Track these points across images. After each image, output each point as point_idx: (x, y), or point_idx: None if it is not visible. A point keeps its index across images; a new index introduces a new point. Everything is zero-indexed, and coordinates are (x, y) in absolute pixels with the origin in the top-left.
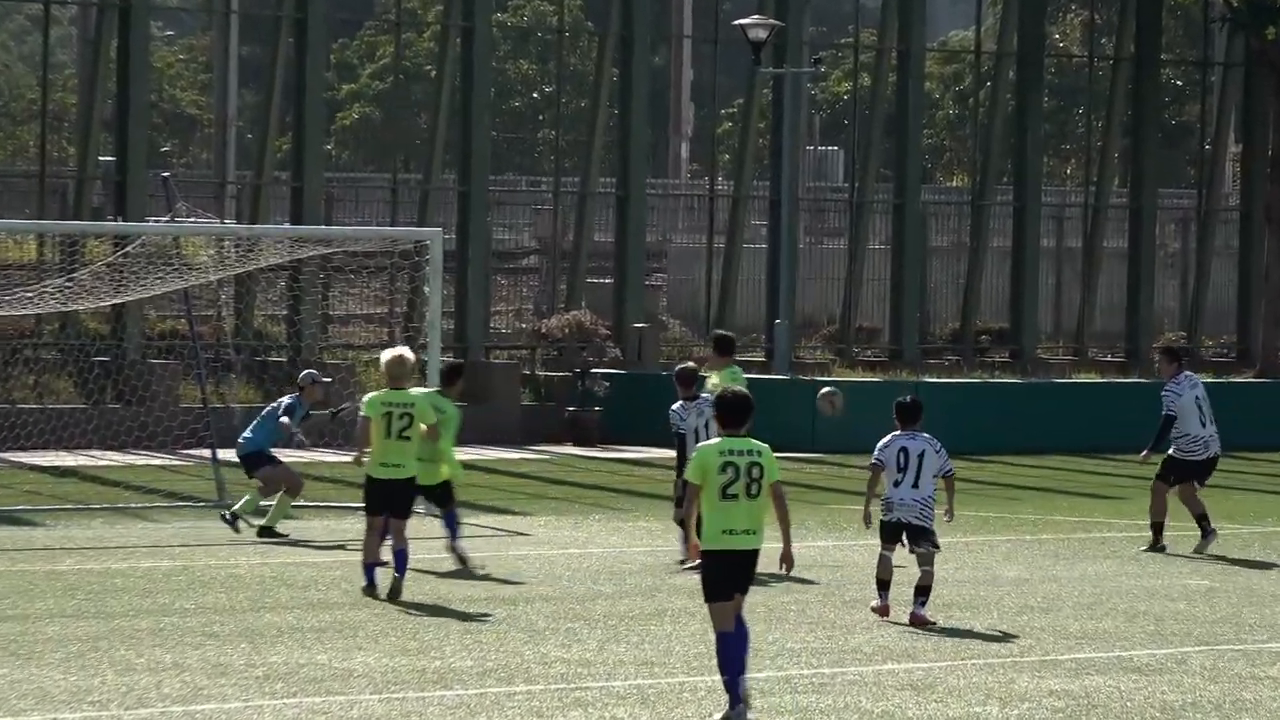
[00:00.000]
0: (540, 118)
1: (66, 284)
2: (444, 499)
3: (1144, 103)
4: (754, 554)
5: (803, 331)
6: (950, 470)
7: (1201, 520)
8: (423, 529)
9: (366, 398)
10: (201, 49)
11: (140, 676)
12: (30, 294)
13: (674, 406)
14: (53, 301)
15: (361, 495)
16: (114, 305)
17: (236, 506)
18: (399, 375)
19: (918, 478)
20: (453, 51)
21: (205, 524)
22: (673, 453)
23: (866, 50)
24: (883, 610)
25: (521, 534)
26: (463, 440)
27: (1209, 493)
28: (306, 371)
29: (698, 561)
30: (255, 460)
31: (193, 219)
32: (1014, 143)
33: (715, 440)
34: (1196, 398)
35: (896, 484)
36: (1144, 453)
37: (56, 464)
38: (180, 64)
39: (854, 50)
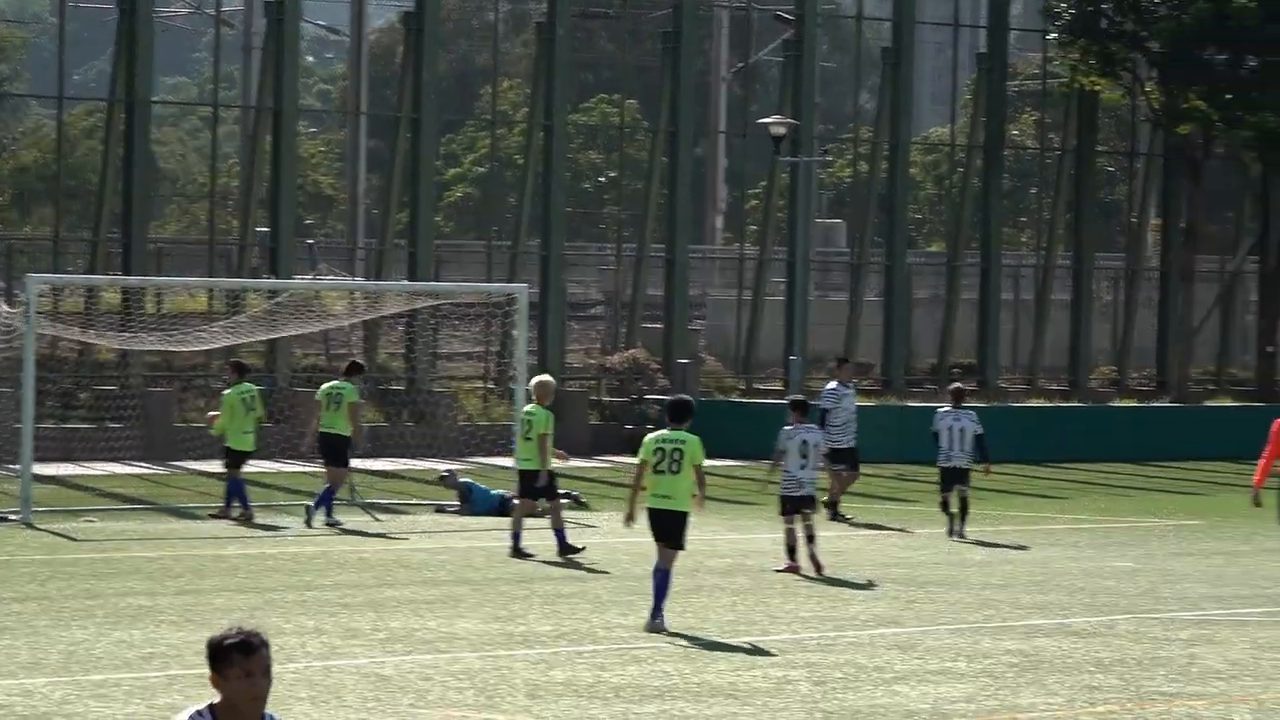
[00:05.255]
0: (605, 196)
1: (230, 325)
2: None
3: (1083, 185)
4: (676, 513)
5: (813, 365)
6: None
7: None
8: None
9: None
10: (337, 142)
11: (289, 639)
12: (203, 333)
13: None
14: (220, 338)
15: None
16: (267, 344)
17: None
18: (542, 395)
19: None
20: (536, 144)
21: (339, 517)
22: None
23: (864, 143)
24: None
25: (590, 526)
26: None
27: (1141, 494)
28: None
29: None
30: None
31: (330, 277)
32: (980, 216)
33: (657, 433)
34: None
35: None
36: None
37: (222, 471)
38: (321, 154)
39: (854, 143)
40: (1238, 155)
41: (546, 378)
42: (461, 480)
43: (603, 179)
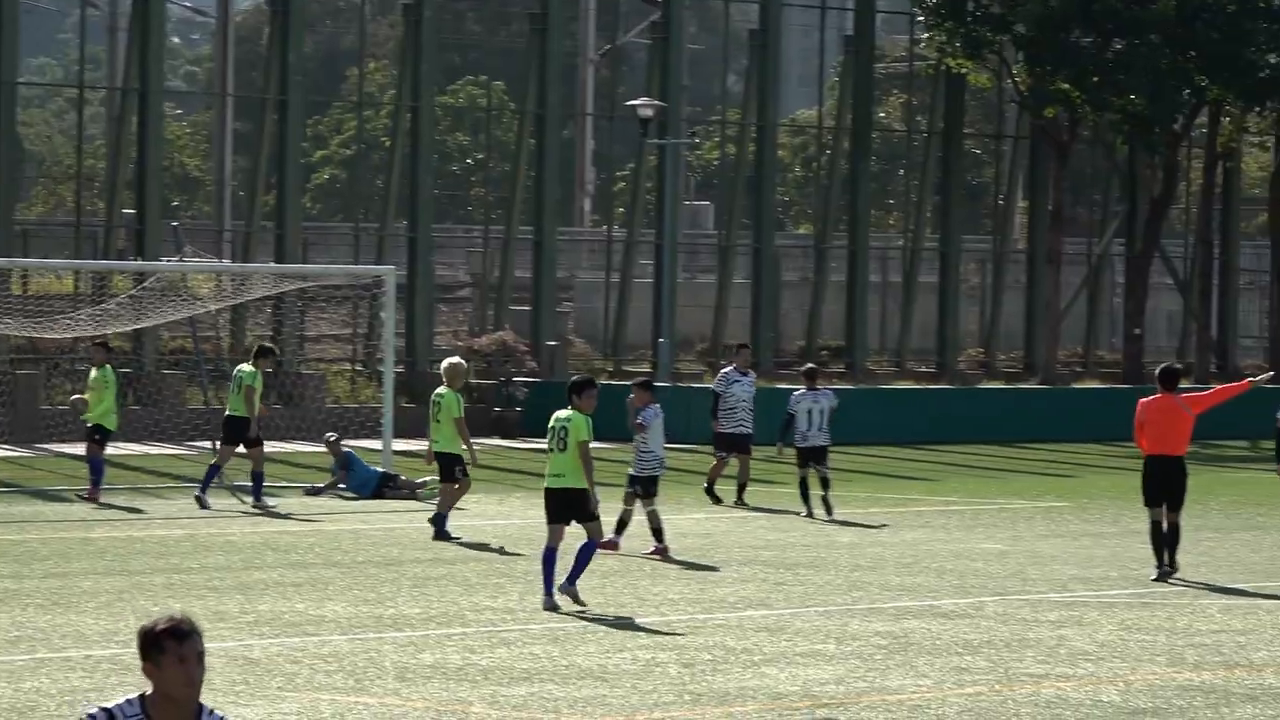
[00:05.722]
0: (473, 179)
1: (97, 312)
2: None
3: (950, 167)
4: (569, 490)
5: (681, 348)
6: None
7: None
8: (397, 506)
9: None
10: (203, 124)
11: None
12: (69, 320)
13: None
14: (86, 325)
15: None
16: (134, 328)
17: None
18: (451, 377)
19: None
20: (403, 126)
21: (208, 499)
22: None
23: (731, 125)
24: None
25: (458, 509)
26: (405, 435)
27: (996, 475)
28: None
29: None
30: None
31: (197, 259)
32: (848, 199)
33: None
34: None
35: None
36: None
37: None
38: (187, 136)
39: (721, 125)
40: (1104, 138)
41: (457, 360)
42: (345, 450)
43: (470, 161)
